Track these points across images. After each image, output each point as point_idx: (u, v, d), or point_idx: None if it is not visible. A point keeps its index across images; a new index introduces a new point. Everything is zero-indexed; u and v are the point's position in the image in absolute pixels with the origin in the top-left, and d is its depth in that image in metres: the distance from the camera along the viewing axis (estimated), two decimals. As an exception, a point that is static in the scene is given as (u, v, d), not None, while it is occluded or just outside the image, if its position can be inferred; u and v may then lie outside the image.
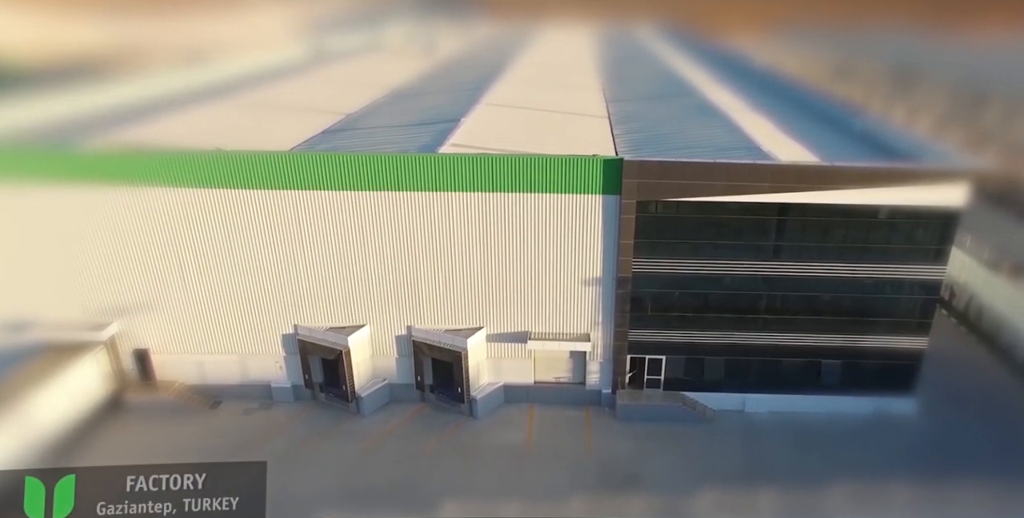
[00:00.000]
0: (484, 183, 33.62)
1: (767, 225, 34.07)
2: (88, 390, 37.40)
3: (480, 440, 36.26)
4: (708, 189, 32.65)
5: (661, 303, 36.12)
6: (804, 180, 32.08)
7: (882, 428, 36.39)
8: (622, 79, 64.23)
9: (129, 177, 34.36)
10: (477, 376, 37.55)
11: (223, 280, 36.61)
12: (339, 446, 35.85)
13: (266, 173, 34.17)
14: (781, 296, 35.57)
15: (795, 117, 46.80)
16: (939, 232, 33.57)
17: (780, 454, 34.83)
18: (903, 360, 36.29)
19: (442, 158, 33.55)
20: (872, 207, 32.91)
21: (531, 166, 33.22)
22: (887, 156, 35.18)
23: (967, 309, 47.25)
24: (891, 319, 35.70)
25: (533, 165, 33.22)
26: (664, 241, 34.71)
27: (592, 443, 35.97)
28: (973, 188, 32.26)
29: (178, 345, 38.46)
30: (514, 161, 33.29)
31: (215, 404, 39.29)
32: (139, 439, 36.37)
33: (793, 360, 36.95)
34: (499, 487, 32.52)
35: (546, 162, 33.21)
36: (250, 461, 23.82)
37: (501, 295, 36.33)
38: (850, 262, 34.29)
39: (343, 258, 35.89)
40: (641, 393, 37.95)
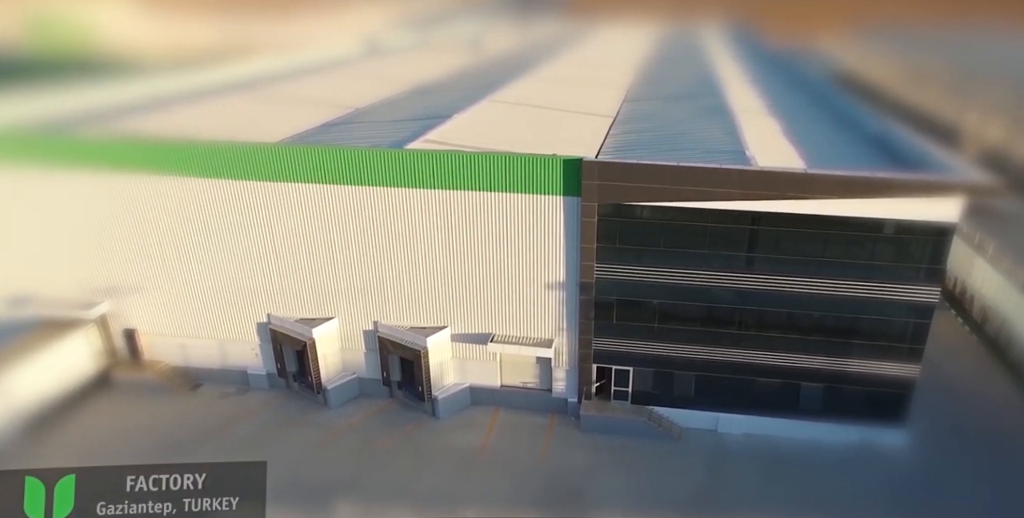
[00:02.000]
0: (445, 180, 33.01)
1: (739, 234, 31.88)
2: (77, 365, 39.23)
3: (436, 440, 35.74)
4: (673, 194, 30.85)
5: (627, 312, 34.45)
6: (775, 187, 29.79)
7: (865, 462, 33.49)
8: (656, 78, 62.06)
9: (122, 164, 35.58)
10: (440, 376, 37.03)
11: (204, 266, 37.55)
12: (299, 437, 36.15)
13: (240, 164, 34.76)
14: (756, 311, 33.23)
15: (815, 122, 43.82)
16: (931, 250, 30.46)
17: (744, 481, 32.59)
18: (892, 388, 33.24)
19: (400, 154, 33.20)
20: (855, 219, 30.20)
21: (491, 164, 32.38)
22: (891, 166, 32.26)
23: (985, 325, 43.13)
24: (878, 343, 32.72)
25: (493, 163, 32.36)
26: (629, 247, 33.09)
27: (548, 453, 34.81)
28: (970, 202, 29.12)
29: (163, 327, 39.81)
30: (473, 158, 32.54)
31: (196, 386, 40.48)
32: (118, 416, 37.89)
33: (769, 380, 34.48)
34: (437, 490, 31.93)
35: (506, 161, 32.28)
36: (250, 461, 23.90)
37: (465, 295, 35.66)
38: (831, 278, 31.63)
39: (313, 250, 36.11)
40: (608, 405, 36.41)
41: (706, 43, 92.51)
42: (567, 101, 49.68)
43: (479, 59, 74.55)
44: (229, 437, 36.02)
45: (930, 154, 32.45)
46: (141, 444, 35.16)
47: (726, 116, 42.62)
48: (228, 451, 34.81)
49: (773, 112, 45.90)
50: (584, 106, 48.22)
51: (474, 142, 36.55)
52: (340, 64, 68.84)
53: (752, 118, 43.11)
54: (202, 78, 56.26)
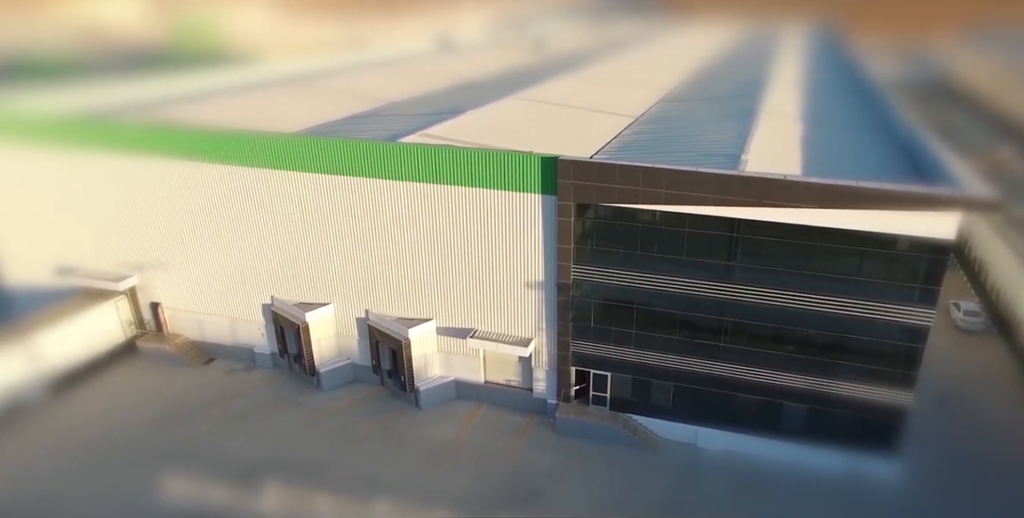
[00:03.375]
0: (426, 174, 33.41)
1: (719, 242, 30.50)
2: (107, 333, 42.36)
3: (412, 431, 36.23)
4: (648, 196, 29.91)
5: (605, 316, 33.66)
6: (752, 193, 28.29)
7: (848, 492, 31.32)
8: (705, 79, 60.07)
9: (152, 149, 37.92)
10: (424, 367, 37.49)
11: (219, 247, 39.58)
12: (287, 416, 37.57)
13: (246, 151, 36.44)
14: (737, 323, 31.67)
15: (848, 129, 41.20)
16: (925, 268, 28.05)
17: (711, 499, 31.20)
18: (882, 415, 30.88)
19: (380, 146, 33.84)
20: (842, 231, 28.27)
21: (469, 160, 32.48)
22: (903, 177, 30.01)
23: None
24: (867, 366, 30.44)
25: (471, 159, 32.45)
26: (607, 249, 32.33)
27: (519, 452, 34.57)
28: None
29: (183, 302, 42.36)
30: (452, 153, 32.72)
31: (209, 360, 42.84)
32: (135, 383, 40.67)
33: (751, 397, 32.78)
34: (399, 480, 32.37)
35: (484, 157, 32.29)
36: None
37: (450, 289, 35.94)
38: (816, 293, 29.72)
39: (313, 237, 37.39)
40: (585, 409, 35.74)
41: (782, 43, 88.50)
42: (598, 100, 48.92)
43: (538, 58, 74.51)
44: (223, 411, 37.90)
45: (946, 166, 29.85)
46: (146, 411, 37.68)
47: (749, 119, 40.72)
48: (218, 424, 36.70)
49: (808, 117, 43.45)
50: (613, 106, 47.33)
51: (470, 137, 36.68)
52: (403, 61, 70.64)
53: (779, 122, 41.01)
54: (271, 71, 59.76)
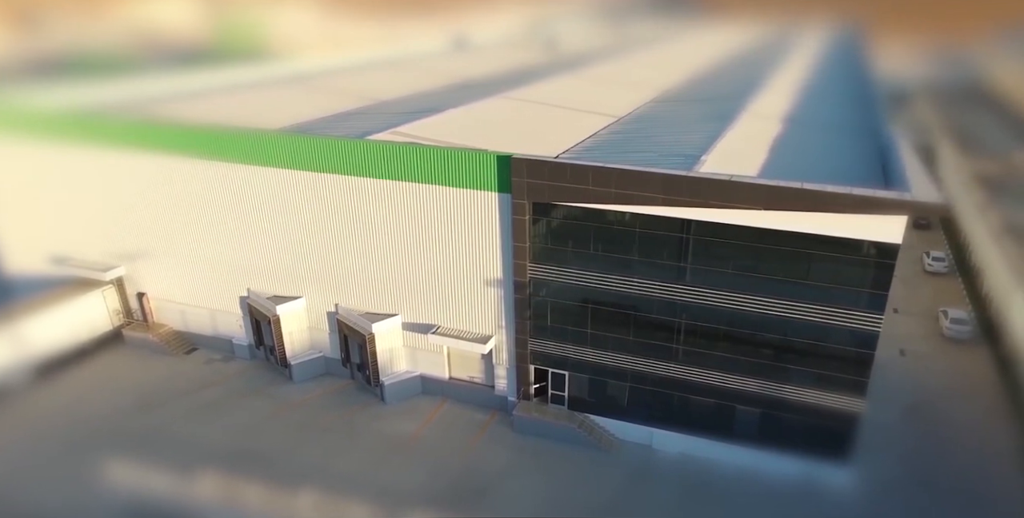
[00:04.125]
0: (390, 171, 33.80)
1: (670, 243, 30.28)
2: (93, 321, 43.72)
3: (373, 425, 36.69)
4: (598, 195, 29.86)
5: (561, 315, 33.67)
6: (699, 194, 28.06)
7: (798, 498, 30.85)
8: (703, 80, 59.55)
9: (139, 145, 38.88)
10: (389, 362, 37.93)
11: (200, 240, 40.50)
12: (255, 406, 38.33)
13: (219, 146, 37.28)
14: (689, 325, 31.40)
15: (829, 133, 40.53)
16: (873, 273, 27.55)
17: (658, 502, 30.98)
18: (833, 422, 30.33)
19: (338, 143, 34.35)
20: (790, 234, 27.87)
21: (430, 158, 32.78)
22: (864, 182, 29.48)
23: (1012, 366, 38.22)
24: (817, 371, 29.94)
25: (432, 157, 32.75)
26: (562, 248, 32.36)
27: (474, 449, 34.76)
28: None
29: (167, 293, 43.48)
30: (413, 151, 33.07)
31: (191, 350, 43.92)
32: (118, 371, 41.88)
33: (705, 400, 32.48)
34: (350, 473, 32.81)
35: (444, 155, 32.57)
36: None
37: (415, 285, 36.30)
38: (765, 296, 29.35)
39: (286, 231, 38.05)
40: (544, 408, 35.78)
41: (800, 44, 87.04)
42: (588, 100, 48.88)
43: (547, 58, 74.59)
44: (196, 400, 38.84)
45: (908, 171, 29.22)
46: (122, 398, 38.79)
47: (728, 120, 40.29)
48: (188, 413, 37.62)
49: (792, 119, 42.82)
50: (601, 105, 47.23)
51: (440, 135, 36.99)
52: (416, 60, 71.28)
53: (758, 124, 40.49)
54: (288, 69, 61.44)
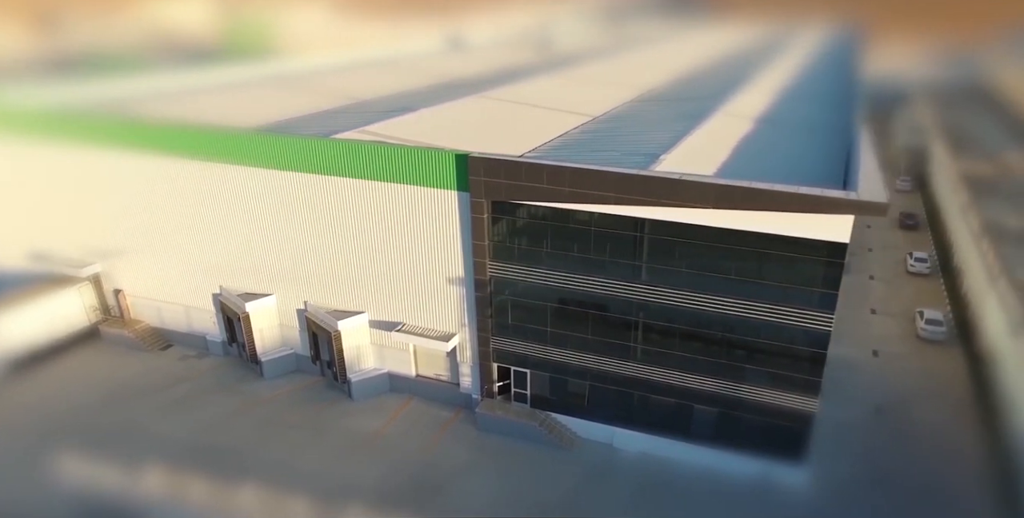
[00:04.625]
0: (353, 169, 33.96)
1: (626, 242, 30.25)
2: (69, 317, 44.19)
3: (338, 422, 36.87)
4: (553, 194, 29.90)
5: (522, 313, 33.72)
6: (648, 192, 28.05)
7: (753, 498, 30.74)
8: (686, 80, 59.39)
9: (117, 143, 39.23)
10: (356, 359, 38.12)
11: (175, 237, 40.80)
12: (224, 402, 38.59)
13: (193, 145, 37.59)
14: (646, 324, 31.37)
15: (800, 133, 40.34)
16: (823, 272, 27.38)
17: (614, 501, 30.97)
18: (788, 421, 30.22)
19: (300, 141, 34.54)
20: (742, 233, 27.79)
21: (391, 156, 32.92)
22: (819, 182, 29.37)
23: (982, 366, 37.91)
24: (771, 370, 29.84)
25: (392, 155, 32.89)
26: (522, 247, 32.41)
27: (436, 446, 34.88)
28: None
29: (143, 289, 43.89)
30: (374, 150, 33.23)
31: (166, 346, 44.30)
32: (92, 367, 42.25)
33: (663, 399, 32.43)
34: (310, 469, 32.98)
35: (404, 153, 32.70)
36: None
37: (380, 283, 36.46)
38: (720, 295, 29.27)
39: (256, 229, 38.30)
40: (507, 406, 35.84)
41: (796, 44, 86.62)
42: (566, 99, 48.91)
43: (539, 58, 74.66)
44: (167, 396, 39.18)
45: (862, 171, 29.06)
46: (93, 394, 39.16)
47: (700, 120, 40.21)
48: (156, 408, 37.95)
49: (766, 119, 42.66)
50: (578, 105, 47.22)
51: (409, 134, 37.16)
52: (409, 59, 71.57)
53: (730, 124, 40.40)
54: (281, 68, 62.33)
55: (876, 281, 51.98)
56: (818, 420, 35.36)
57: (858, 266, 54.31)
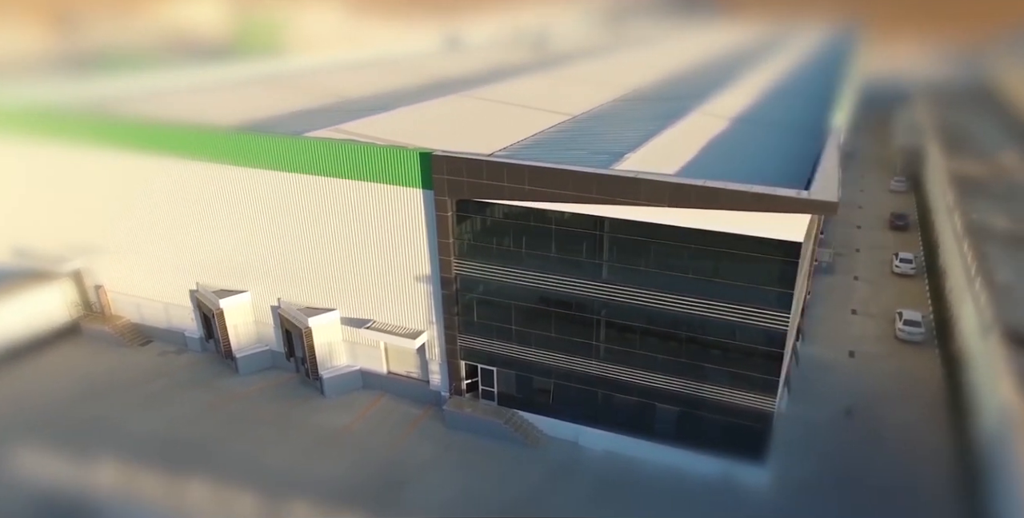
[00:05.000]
0: (321, 167, 34.13)
1: (587, 240, 30.27)
2: (50, 313, 44.66)
3: (309, 418, 37.07)
4: (514, 192, 29.96)
5: (487, 311, 33.81)
6: (605, 191, 28.04)
7: (714, 498, 30.64)
8: (673, 80, 59.30)
9: (97, 141, 39.65)
10: (328, 356, 38.32)
11: (153, 234, 41.13)
12: (197, 398, 38.87)
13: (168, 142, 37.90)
14: (609, 322, 31.38)
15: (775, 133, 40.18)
16: (778, 271, 27.28)
17: (574, 500, 30.93)
18: (748, 420, 30.12)
19: (269, 140, 34.76)
20: (698, 232, 27.73)
21: (356, 155, 33.10)
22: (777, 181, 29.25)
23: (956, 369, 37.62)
24: (731, 370, 29.75)
25: (358, 154, 33.06)
26: (486, 245, 32.51)
27: (403, 443, 35.00)
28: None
29: (123, 286, 44.29)
30: (340, 148, 33.44)
31: (145, 342, 44.69)
32: (71, 362, 42.69)
33: (626, 398, 32.41)
34: (275, 465, 33.18)
35: (369, 151, 32.88)
36: None
37: (351, 280, 36.63)
38: (678, 294, 29.22)
39: (230, 226, 38.55)
40: (475, 403, 35.93)
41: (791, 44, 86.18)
42: (548, 98, 48.94)
43: (531, 57, 74.78)
44: (141, 391, 39.52)
45: (822, 170, 28.95)
46: (70, 389, 39.52)
47: (672, 119, 40.10)
48: (130, 403, 38.27)
49: (743, 118, 42.54)
50: (558, 104, 47.25)
51: (381, 133, 37.27)
52: (404, 59, 71.76)
53: (704, 123, 40.29)
54: (276, 67, 62.93)
55: (860, 282, 51.64)
56: (787, 420, 35.67)
57: (844, 267, 53.99)
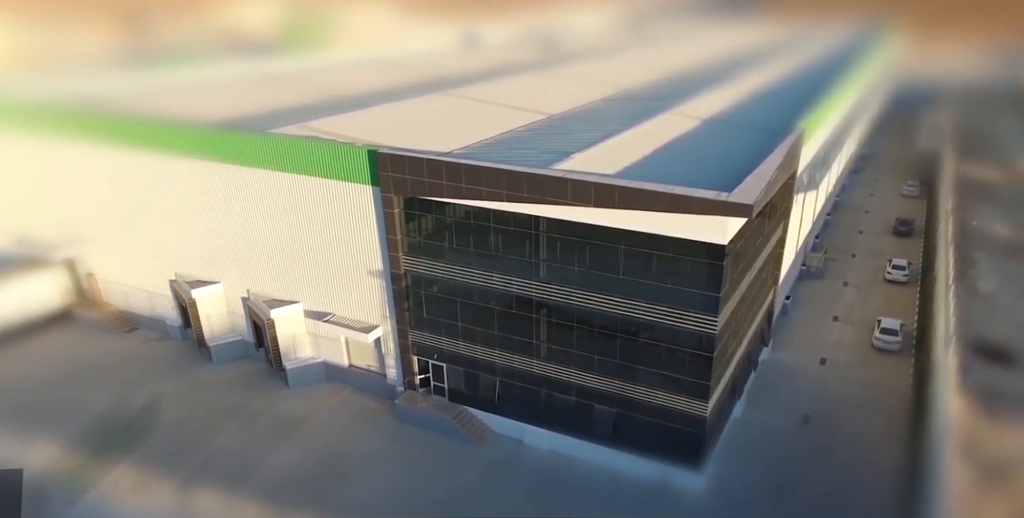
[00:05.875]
0: (279, 163, 34.91)
1: (524, 239, 30.33)
2: (42, 299, 46.64)
3: (269, 407, 38.01)
4: (452, 190, 30.23)
5: (435, 307, 34.15)
6: (537, 190, 28.07)
7: (647, 501, 30.42)
8: (667, 80, 58.66)
9: (92, 135, 41.36)
10: (292, 348, 39.21)
11: (138, 225, 42.60)
12: (167, 384, 40.19)
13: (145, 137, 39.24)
14: (548, 322, 31.40)
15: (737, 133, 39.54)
16: (705, 273, 26.94)
17: (507, 497, 31.07)
18: (682, 424, 29.83)
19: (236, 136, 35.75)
20: (629, 233, 27.59)
21: (313, 152, 33.74)
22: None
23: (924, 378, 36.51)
24: (664, 373, 29.48)
25: (314, 151, 33.72)
26: (432, 242, 32.83)
27: (354, 436, 35.62)
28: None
29: (111, 274, 46.06)
30: (298, 145, 34.14)
31: (131, 329, 46.39)
32: (59, 347, 44.59)
33: (566, 397, 32.40)
34: (225, 451, 34.20)
35: (324, 149, 33.51)
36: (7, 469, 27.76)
37: (312, 274, 37.41)
38: (611, 294, 29.11)
39: (203, 219, 39.74)
40: (427, 398, 36.34)
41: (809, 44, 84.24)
42: (531, 98, 48.92)
43: (538, 56, 74.80)
44: (118, 376, 41.08)
45: (755, 173, 28.46)
46: (49, 373, 41.34)
47: (639, 120, 39.82)
48: (101, 388, 39.75)
49: (715, 121, 41.94)
50: (539, 103, 47.19)
51: (347, 131, 37.83)
52: (417, 57, 72.56)
53: (671, 124, 39.85)
54: (290, 66, 64.43)
55: (849, 288, 50.36)
56: (741, 426, 35.22)
57: (835, 272, 52.71)
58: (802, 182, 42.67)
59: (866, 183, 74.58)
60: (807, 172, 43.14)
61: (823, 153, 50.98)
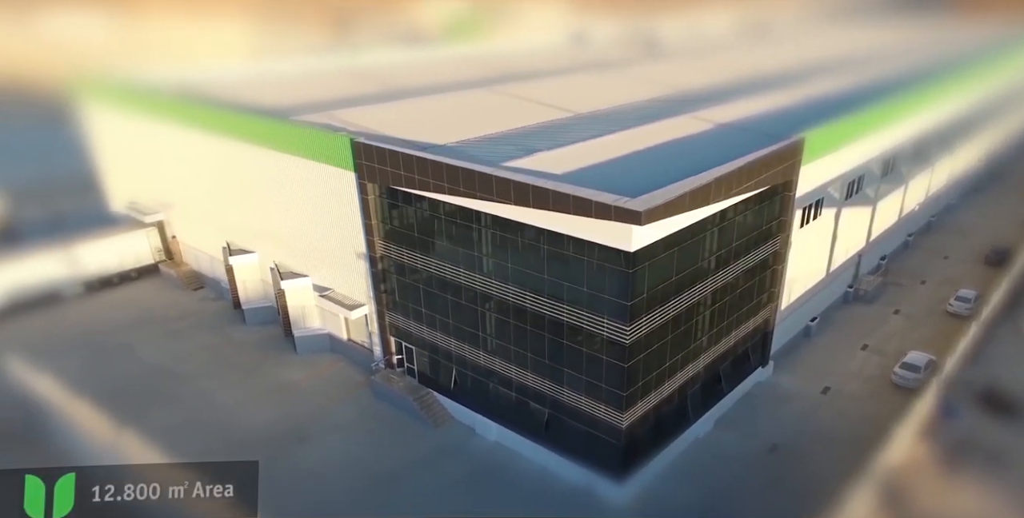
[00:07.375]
0: (291, 147, 38.16)
1: (472, 233, 31.24)
2: (136, 254, 53.82)
3: (273, 369, 41.65)
4: (416, 182, 31.77)
5: (405, 291, 35.89)
6: (471, 186, 28.89)
7: (565, 506, 30.32)
8: (736, 81, 55.82)
9: (172, 117, 47.33)
10: (301, 318, 42.67)
11: (199, 195, 48.35)
12: (203, 339, 44.95)
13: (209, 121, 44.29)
14: (492, 316, 32.12)
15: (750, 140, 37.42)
16: (617, 280, 26.47)
17: (437, 481, 32.20)
18: (603, 433, 29.49)
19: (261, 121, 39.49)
20: (551, 233, 27.75)
21: (313, 138, 36.61)
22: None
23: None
24: (585, 378, 29.24)
25: (313, 137, 36.56)
26: (400, 230, 34.59)
27: (334, 405, 38.30)
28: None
29: (187, 237, 52.33)
30: (301, 131, 37.18)
31: (198, 288, 52.44)
32: (138, 296, 51.23)
33: (508, 392, 32.95)
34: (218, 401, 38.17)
35: (315, 135, 36.27)
36: (243, 461, 25.36)
37: (318, 251, 40.53)
38: (538, 294, 29.36)
39: (242, 195, 44.25)
40: (399, 378, 38.25)
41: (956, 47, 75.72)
42: (578, 98, 48.74)
43: (631, 54, 73.75)
44: (166, 327, 46.60)
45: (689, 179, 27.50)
46: (121, 318, 47.70)
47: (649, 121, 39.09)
48: (150, 336, 45.42)
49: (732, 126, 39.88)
50: (576, 102, 47.00)
51: (361, 121, 40.48)
52: (520, 54, 74.54)
53: (677, 127, 38.65)
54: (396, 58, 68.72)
55: (899, 316, 45.74)
56: (702, 446, 34.01)
57: (890, 298, 48.00)
58: (831, 196, 39.70)
59: (982, 205, 66.32)
60: (838, 185, 39.98)
61: (884, 166, 46.65)
